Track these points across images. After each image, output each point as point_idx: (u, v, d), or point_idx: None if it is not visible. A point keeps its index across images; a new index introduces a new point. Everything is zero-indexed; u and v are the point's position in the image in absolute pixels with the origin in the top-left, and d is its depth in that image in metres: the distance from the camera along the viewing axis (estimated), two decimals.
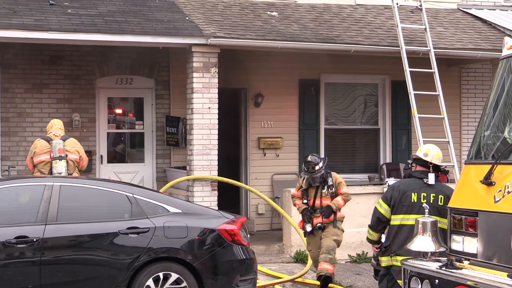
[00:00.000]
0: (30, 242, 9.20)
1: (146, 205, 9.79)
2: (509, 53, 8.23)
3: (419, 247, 8.26)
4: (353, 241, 14.03)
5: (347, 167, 16.86)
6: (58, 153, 11.92)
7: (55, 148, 11.95)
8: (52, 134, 12.21)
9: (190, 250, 9.66)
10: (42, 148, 12.04)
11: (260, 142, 16.30)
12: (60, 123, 12.58)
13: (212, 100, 14.01)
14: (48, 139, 12.13)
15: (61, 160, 11.90)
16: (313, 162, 11.66)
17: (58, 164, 11.88)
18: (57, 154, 11.92)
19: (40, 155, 12.03)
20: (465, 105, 17.65)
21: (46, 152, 12.01)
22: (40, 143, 12.12)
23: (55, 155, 11.92)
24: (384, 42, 15.04)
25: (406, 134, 17.18)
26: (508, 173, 7.44)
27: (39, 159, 12.02)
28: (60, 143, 12.03)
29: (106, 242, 9.47)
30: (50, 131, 12.33)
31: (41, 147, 12.05)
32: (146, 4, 15.33)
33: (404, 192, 8.99)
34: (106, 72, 15.55)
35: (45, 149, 12.02)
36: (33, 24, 13.32)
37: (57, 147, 11.96)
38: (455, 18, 17.21)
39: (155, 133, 15.95)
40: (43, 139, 12.18)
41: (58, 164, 11.88)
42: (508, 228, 7.21)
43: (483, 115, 8.45)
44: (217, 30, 14.17)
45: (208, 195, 13.93)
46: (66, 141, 12.19)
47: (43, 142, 12.11)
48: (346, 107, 17.26)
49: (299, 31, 14.96)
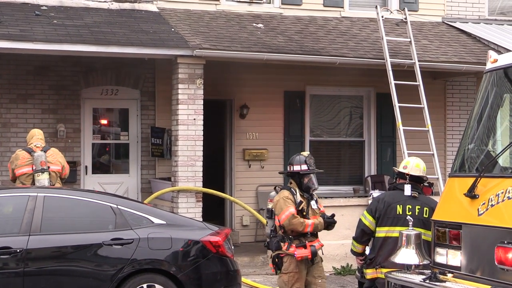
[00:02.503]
0: (13, 253, 9.14)
1: (130, 216, 9.75)
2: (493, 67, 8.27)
3: (403, 259, 8.26)
4: (338, 253, 14.04)
5: (332, 179, 16.88)
6: (41, 166, 11.86)
7: (37, 161, 11.88)
8: (34, 145, 12.12)
9: (174, 262, 9.63)
10: (24, 160, 11.96)
11: (245, 154, 16.30)
12: (40, 133, 12.52)
13: (197, 111, 14.02)
14: (30, 150, 12.05)
15: (44, 173, 11.85)
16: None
17: (40, 177, 11.82)
18: (39, 167, 11.85)
19: (22, 167, 11.96)
20: (450, 118, 17.72)
21: (28, 164, 11.94)
22: (22, 154, 12.04)
23: (38, 168, 11.85)
24: (369, 55, 15.08)
25: (391, 146, 17.22)
26: (491, 186, 7.46)
27: (21, 171, 11.95)
28: (42, 156, 11.95)
29: (90, 253, 9.42)
30: (31, 141, 12.24)
31: (23, 159, 11.97)
32: (132, 15, 15.33)
33: (389, 204, 8.99)
34: (91, 83, 15.52)
35: (27, 161, 11.95)
36: (18, 34, 13.29)
37: (39, 159, 11.89)
38: (440, 31, 17.29)
39: (140, 144, 15.92)
40: (25, 150, 12.10)
41: (41, 177, 11.82)
42: (492, 241, 7.23)
43: (467, 128, 8.49)
44: (202, 41, 14.18)
45: (193, 207, 13.92)
46: (47, 152, 12.13)
47: (24, 154, 12.03)
48: (331, 119, 17.29)
49: (284, 43, 14.99)
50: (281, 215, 9.27)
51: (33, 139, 12.29)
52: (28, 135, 12.54)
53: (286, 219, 9.22)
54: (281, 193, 9.42)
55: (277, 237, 9.44)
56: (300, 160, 9.53)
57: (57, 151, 12.46)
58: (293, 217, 9.20)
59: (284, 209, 9.25)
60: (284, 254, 9.37)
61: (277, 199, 9.40)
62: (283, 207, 9.26)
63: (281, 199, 9.33)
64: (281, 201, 9.31)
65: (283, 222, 9.25)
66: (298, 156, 9.63)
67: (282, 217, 9.25)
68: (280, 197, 9.37)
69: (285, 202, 9.28)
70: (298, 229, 9.26)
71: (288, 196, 9.33)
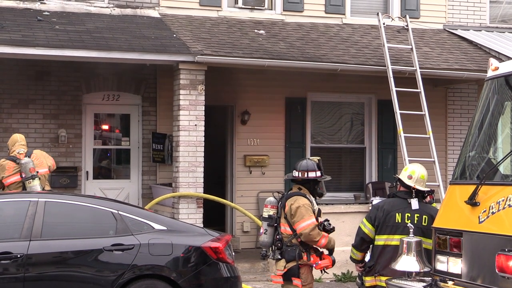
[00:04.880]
0: (14, 258, 9.15)
1: (131, 222, 9.76)
2: (494, 74, 8.28)
3: (404, 267, 8.27)
4: (338, 259, 13.85)
5: (332, 185, 16.83)
6: (31, 173, 11.84)
7: (26, 168, 11.85)
8: (17, 153, 12.06)
9: (174, 268, 9.63)
10: (10, 170, 11.94)
11: (246, 160, 16.30)
12: (22, 138, 12.49)
13: (199, 117, 14.02)
14: (14, 158, 12.00)
15: (34, 179, 11.84)
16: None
17: (32, 184, 11.82)
18: (29, 174, 11.83)
19: (10, 176, 11.93)
20: (451, 125, 17.72)
21: (16, 172, 11.92)
22: (8, 164, 11.99)
23: (28, 175, 11.82)
24: (371, 62, 15.10)
25: (392, 153, 17.22)
26: (492, 194, 7.47)
27: (10, 180, 11.93)
28: (30, 162, 11.93)
29: (90, 259, 9.43)
30: (13, 149, 12.18)
31: (9, 168, 11.94)
32: (134, 21, 15.35)
33: (389, 212, 8.96)
34: (92, 88, 15.54)
35: (14, 170, 11.93)
36: (20, 39, 13.31)
37: (28, 166, 11.87)
38: (441, 38, 17.31)
39: (141, 150, 15.93)
40: (9, 160, 12.05)
41: (32, 184, 11.82)
42: (493, 249, 7.23)
43: (468, 135, 8.49)
44: (204, 47, 14.19)
45: (194, 213, 13.92)
46: (31, 157, 12.11)
47: (10, 163, 11.98)
48: (332, 125, 17.29)
49: (286, 49, 15.01)
50: (301, 223, 8.88)
51: (15, 146, 12.22)
52: (10, 140, 12.44)
53: (307, 228, 8.85)
54: (300, 200, 9.01)
55: (293, 246, 9.02)
56: (314, 166, 9.27)
57: (40, 152, 12.42)
58: (314, 228, 8.89)
59: (306, 217, 8.88)
60: (303, 264, 9.05)
61: (296, 206, 8.91)
62: (304, 215, 8.89)
63: (302, 206, 8.92)
64: (302, 209, 8.91)
65: (303, 231, 8.86)
66: (309, 162, 9.35)
67: (303, 225, 8.87)
68: (300, 204, 8.93)
69: (307, 210, 8.91)
70: (314, 239, 8.93)
71: (309, 204, 9.00)
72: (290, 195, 9.15)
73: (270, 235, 9.22)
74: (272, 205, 9.26)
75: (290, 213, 8.98)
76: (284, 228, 9.09)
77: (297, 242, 9.01)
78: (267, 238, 9.22)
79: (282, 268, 9.05)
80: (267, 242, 9.23)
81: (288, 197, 9.15)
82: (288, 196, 9.19)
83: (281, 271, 9.05)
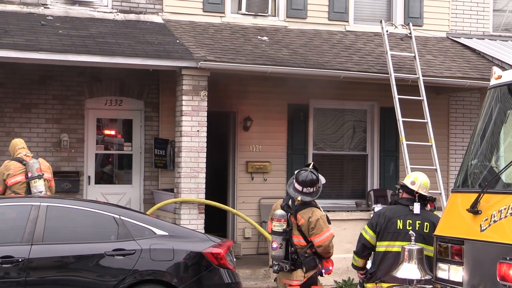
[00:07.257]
0: (15, 262, 9.15)
1: (132, 227, 9.76)
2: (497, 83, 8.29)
3: (405, 274, 8.25)
4: (339, 267, 14.01)
5: (334, 192, 16.87)
6: (37, 172, 11.85)
7: (32, 168, 11.85)
8: (23, 155, 12.08)
9: (176, 273, 9.64)
10: (16, 170, 11.94)
11: (248, 166, 16.31)
12: (21, 141, 12.49)
13: (201, 123, 14.03)
14: (20, 160, 12.02)
15: (40, 179, 11.85)
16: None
17: (37, 183, 11.79)
18: (35, 174, 11.82)
19: (15, 176, 11.92)
20: (453, 133, 17.73)
21: (21, 172, 11.91)
22: (13, 164, 11.99)
23: (34, 175, 11.81)
24: (374, 69, 15.10)
25: (394, 160, 17.22)
26: (494, 202, 7.47)
27: (14, 180, 11.90)
28: (37, 163, 11.94)
29: (92, 264, 9.43)
30: (19, 151, 12.18)
31: (15, 168, 11.93)
32: (137, 26, 15.38)
33: (390, 219, 8.97)
34: (95, 93, 15.56)
35: (19, 170, 11.92)
36: (24, 44, 13.32)
37: (35, 166, 11.87)
38: (444, 46, 17.31)
39: (143, 155, 15.94)
40: (15, 161, 12.07)
41: (38, 184, 11.80)
42: (494, 257, 7.22)
43: (470, 143, 8.50)
44: (207, 53, 14.21)
45: (195, 218, 13.91)
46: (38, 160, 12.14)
47: (15, 164, 11.98)
48: (334, 132, 17.30)
49: (289, 56, 15.02)
50: (322, 235, 9.02)
51: (16, 149, 12.22)
52: (11, 145, 12.41)
53: (326, 240, 9.03)
54: (317, 212, 9.11)
55: (310, 256, 9.11)
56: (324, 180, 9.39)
57: (45, 162, 12.44)
58: (332, 239, 9.11)
59: (325, 229, 9.05)
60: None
61: (315, 218, 9.00)
62: (323, 228, 9.04)
63: (320, 219, 9.04)
64: (321, 221, 9.03)
65: (323, 243, 9.02)
66: (312, 175, 9.29)
67: (322, 238, 9.02)
68: (319, 217, 9.04)
69: (325, 222, 9.09)
70: (330, 251, 9.16)
71: (325, 216, 9.17)
72: (302, 207, 9.14)
73: (283, 249, 9.18)
74: (284, 219, 9.17)
75: (309, 226, 9.04)
76: (298, 240, 9.13)
77: (311, 252, 9.12)
78: (279, 252, 9.16)
79: (301, 278, 9.12)
80: (282, 256, 9.19)
81: (299, 209, 9.15)
82: (298, 208, 9.17)
83: (300, 281, 9.11)
